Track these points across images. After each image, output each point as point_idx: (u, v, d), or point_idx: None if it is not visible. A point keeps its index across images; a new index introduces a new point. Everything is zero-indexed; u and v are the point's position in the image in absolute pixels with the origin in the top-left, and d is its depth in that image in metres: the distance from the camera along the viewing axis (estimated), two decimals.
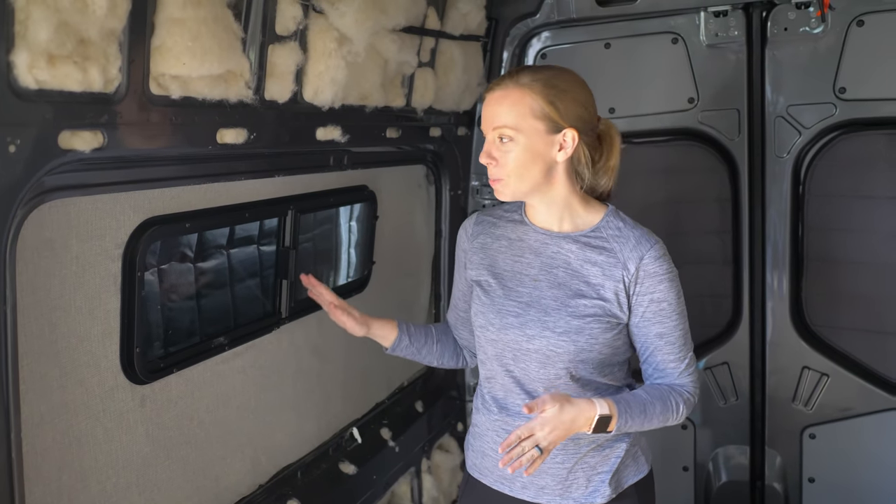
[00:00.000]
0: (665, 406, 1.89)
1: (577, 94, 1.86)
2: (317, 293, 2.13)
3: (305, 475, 2.48)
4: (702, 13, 3.03)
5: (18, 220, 1.39)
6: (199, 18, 1.65)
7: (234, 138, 1.88)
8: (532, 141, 1.82)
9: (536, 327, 1.89)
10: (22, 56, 1.30)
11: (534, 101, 1.82)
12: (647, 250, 1.87)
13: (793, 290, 3.13)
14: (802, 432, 3.16)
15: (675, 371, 1.92)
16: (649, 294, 1.87)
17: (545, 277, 1.93)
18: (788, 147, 3.04)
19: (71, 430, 1.69)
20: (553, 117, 1.82)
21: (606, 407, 1.79)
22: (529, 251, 1.96)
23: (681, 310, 1.92)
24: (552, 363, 1.89)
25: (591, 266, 1.89)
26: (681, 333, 1.92)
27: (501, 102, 1.84)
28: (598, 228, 1.92)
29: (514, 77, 1.86)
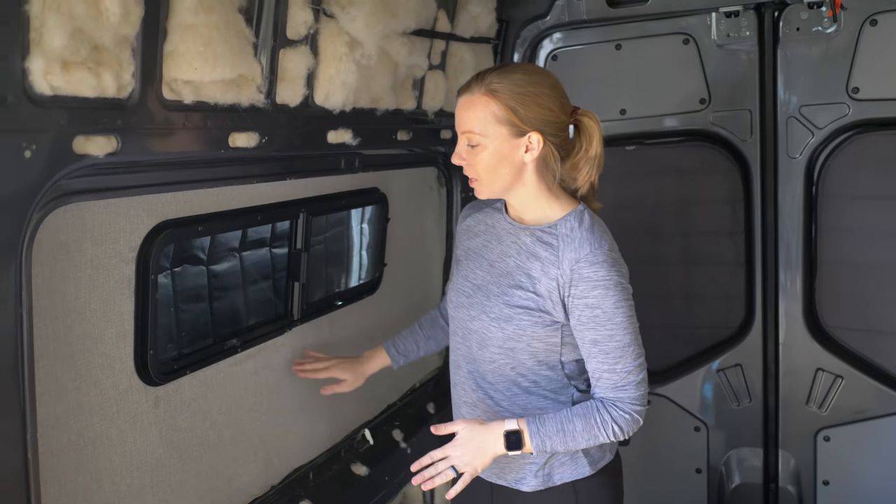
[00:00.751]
0: (587, 423, 1.88)
1: (540, 95, 1.90)
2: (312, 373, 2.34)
3: (317, 476, 2.49)
4: (713, 14, 3.03)
5: (34, 224, 1.41)
6: (211, 24, 1.66)
7: (245, 142, 1.89)
8: (498, 144, 1.90)
9: (477, 309, 2.02)
10: (37, 63, 1.32)
11: (497, 107, 1.88)
12: (584, 254, 1.88)
13: (806, 291, 3.12)
14: (817, 434, 3.15)
15: (609, 381, 1.90)
16: (583, 298, 1.88)
17: (498, 264, 2.04)
18: (801, 147, 3.03)
19: (86, 431, 1.71)
20: (515, 122, 1.89)
21: (514, 423, 1.88)
22: (495, 238, 2.08)
23: (619, 320, 1.87)
24: (486, 346, 2.01)
25: (535, 260, 1.96)
26: (617, 345, 1.88)
27: (467, 108, 1.92)
28: (556, 225, 1.96)
29: (481, 80, 1.91)
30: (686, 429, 3.31)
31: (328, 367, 2.34)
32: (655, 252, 3.27)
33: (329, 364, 2.35)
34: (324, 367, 2.34)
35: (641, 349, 1.93)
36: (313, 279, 2.46)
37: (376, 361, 2.38)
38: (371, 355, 2.38)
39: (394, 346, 2.39)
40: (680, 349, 3.31)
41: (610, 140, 3.20)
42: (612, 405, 1.90)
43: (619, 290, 1.88)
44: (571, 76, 3.19)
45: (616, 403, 1.90)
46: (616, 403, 1.90)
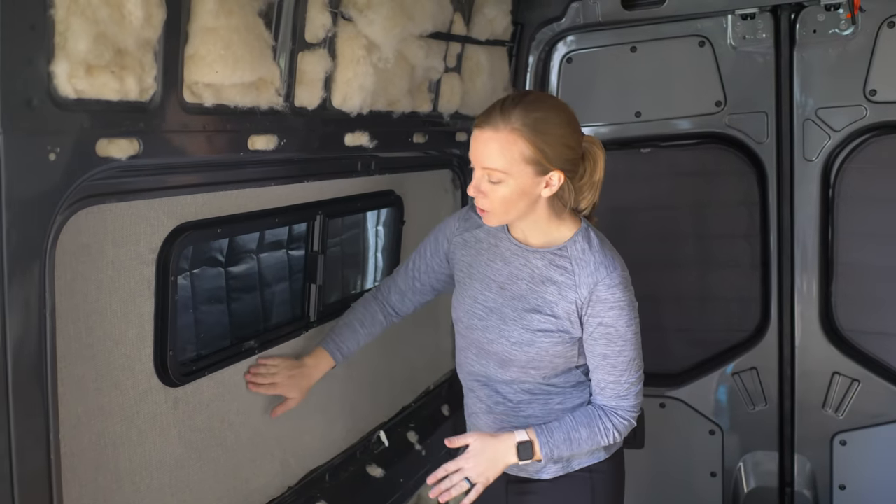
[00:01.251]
0: (591, 431, 2.01)
1: (565, 135, 1.90)
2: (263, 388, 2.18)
3: (333, 478, 2.50)
4: (729, 16, 3.03)
5: (58, 225, 1.42)
6: (232, 27, 1.67)
7: (264, 144, 1.90)
8: (520, 182, 1.89)
9: (495, 333, 2.05)
10: (62, 66, 1.33)
11: (524, 146, 1.86)
12: (602, 277, 1.94)
13: (822, 294, 3.10)
14: (833, 438, 3.13)
15: (613, 392, 2.02)
16: (599, 317, 1.96)
17: (510, 287, 2.05)
18: (818, 150, 3.02)
19: (106, 431, 1.72)
20: (542, 162, 1.88)
21: (525, 434, 1.98)
22: (500, 258, 2.08)
23: (628, 337, 1.98)
24: (507, 367, 2.06)
25: (550, 284, 2.00)
26: (625, 359, 1.99)
27: (491, 144, 1.88)
28: (565, 247, 2.00)
29: (504, 116, 1.88)
30: (701, 432, 3.30)
31: (274, 382, 2.18)
32: (670, 254, 3.27)
33: (274, 379, 2.18)
34: (269, 384, 2.17)
35: (642, 361, 2.05)
36: (330, 281, 2.47)
37: (321, 367, 2.28)
38: (315, 363, 2.27)
39: (338, 349, 2.29)
40: (695, 352, 3.30)
41: (625, 142, 3.22)
42: (613, 413, 2.03)
43: (631, 310, 1.98)
44: (586, 79, 3.20)
45: (617, 412, 2.03)
46: (617, 412, 2.03)
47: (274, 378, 2.18)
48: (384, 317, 2.37)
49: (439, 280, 2.29)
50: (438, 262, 2.26)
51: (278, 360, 2.21)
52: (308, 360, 2.26)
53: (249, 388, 2.15)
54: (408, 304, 2.36)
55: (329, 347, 2.29)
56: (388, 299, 2.37)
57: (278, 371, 2.19)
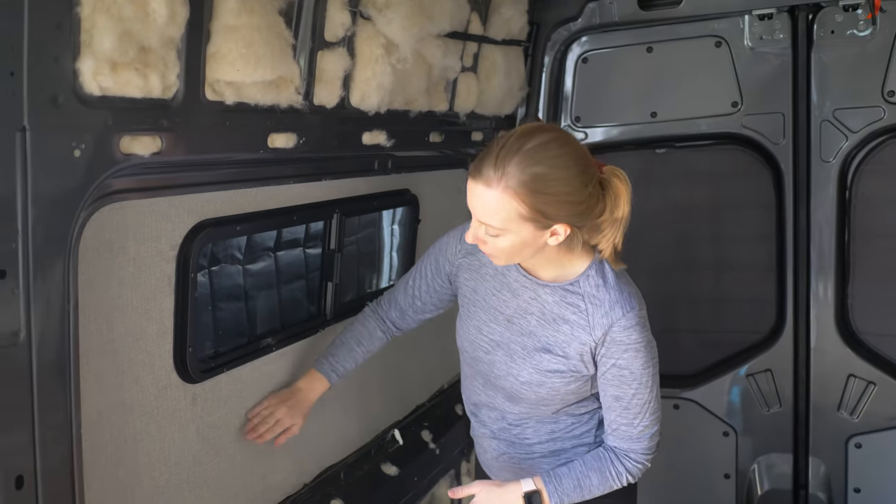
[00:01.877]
0: (603, 477, 1.92)
1: (570, 192, 1.70)
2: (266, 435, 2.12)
3: (348, 476, 2.51)
4: (746, 16, 3.01)
5: (81, 221, 1.43)
6: (253, 26, 1.68)
7: (284, 143, 1.91)
8: (520, 236, 1.74)
9: (502, 369, 1.96)
10: (87, 63, 1.35)
11: (520, 207, 1.68)
12: (617, 318, 1.82)
13: (838, 296, 3.09)
14: (848, 441, 3.12)
15: (626, 434, 1.92)
16: (613, 359, 1.85)
17: (518, 321, 1.94)
18: (834, 151, 3.00)
19: (126, 426, 1.74)
20: (541, 220, 1.72)
21: (532, 483, 1.90)
22: (508, 290, 1.95)
23: (644, 380, 1.87)
24: (517, 401, 1.99)
25: (562, 323, 1.88)
26: (639, 402, 1.88)
27: (486, 201, 1.71)
28: (577, 282, 1.87)
29: (498, 171, 1.68)
30: (714, 434, 3.29)
31: (277, 424, 2.13)
32: (685, 255, 3.26)
33: (276, 420, 2.13)
34: (272, 427, 2.12)
35: (660, 403, 1.93)
36: (346, 279, 2.48)
37: (316, 390, 2.19)
38: (308, 386, 2.18)
39: (333, 370, 2.19)
40: (709, 353, 3.29)
41: (640, 143, 3.21)
42: (625, 456, 1.94)
43: (648, 351, 1.86)
44: (602, 79, 3.20)
45: (629, 455, 1.93)
46: (629, 455, 1.93)
47: (274, 418, 2.11)
48: (384, 332, 2.26)
49: (442, 299, 2.18)
50: (440, 283, 2.13)
51: (269, 400, 2.14)
52: (301, 385, 2.18)
53: (258, 441, 2.10)
54: (409, 321, 2.25)
55: (324, 369, 2.19)
56: (388, 315, 2.25)
57: (274, 410, 2.12)
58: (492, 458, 2.14)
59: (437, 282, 2.13)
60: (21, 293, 1.31)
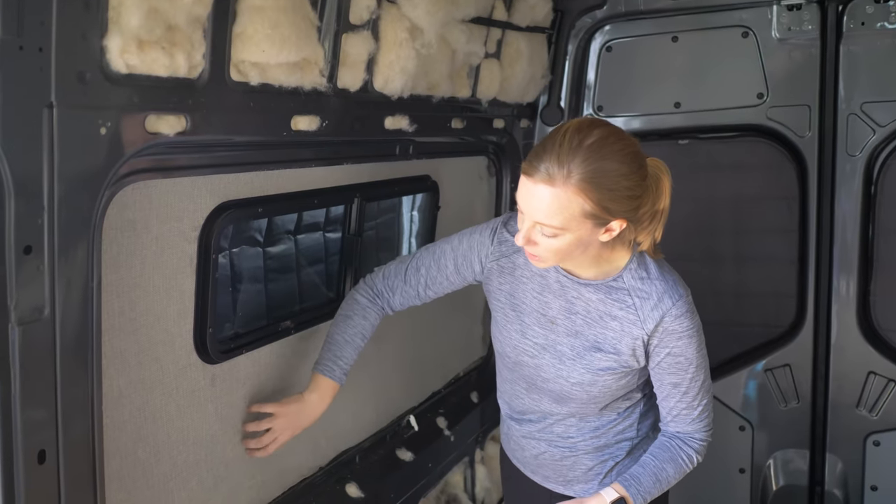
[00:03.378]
0: (677, 465, 1.93)
1: (631, 186, 1.68)
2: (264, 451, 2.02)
3: (363, 460, 2.51)
4: (774, 7, 2.98)
5: (105, 200, 1.43)
6: (279, 7, 1.67)
7: (307, 125, 1.90)
8: (577, 235, 1.71)
9: (551, 372, 1.94)
10: (115, 41, 1.34)
11: (585, 203, 1.65)
12: (668, 309, 1.81)
13: (860, 292, 3.06)
14: (866, 439, 3.09)
15: (688, 417, 1.92)
16: (667, 348, 1.85)
17: (563, 322, 1.91)
18: (861, 145, 2.96)
19: (147, 405, 1.75)
20: (603, 216, 1.69)
21: (613, 492, 1.89)
22: (549, 291, 1.92)
23: (699, 362, 1.88)
24: (565, 402, 1.97)
25: (610, 320, 1.86)
26: (696, 384, 1.90)
27: (547, 201, 1.66)
28: (621, 276, 1.85)
29: (566, 170, 1.63)
30: (731, 428, 3.27)
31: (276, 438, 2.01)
32: (706, 247, 3.23)
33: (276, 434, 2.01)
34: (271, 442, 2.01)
35: (710, 379, 1.95)
36: (365, 264, 2.47)
37: (326, 400, 2.05)
38: (322, 398, 2.04)
39: (344, 374, 2.07)
40: (728, 347, 3.26)
41: (663, 134, 3.18)
42: (690, 439, 1.94)
43: (700, 334, 1.87)
44: (626, 68, 3.17)
45: (694, 436, 1.94)
46: (694, 436, 1.94)
47: (274, 434, 2.00)
48: (378, 317, 2.13)
49: (453, 289, 2.11)
50: (460, 279, 2.06)
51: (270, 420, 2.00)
52: (313, 397, 2.03)
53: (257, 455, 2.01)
54: (407, 306, 2.14)
55: (335, 375, 2.04)
56: (391, 303, 2.11)
57: (273, 426, 2.00)
58: (531, 456, 2.12)
59: (457, 276, 2.06)
60: (46, 269, 1.31)
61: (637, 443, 2.04)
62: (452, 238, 2.07)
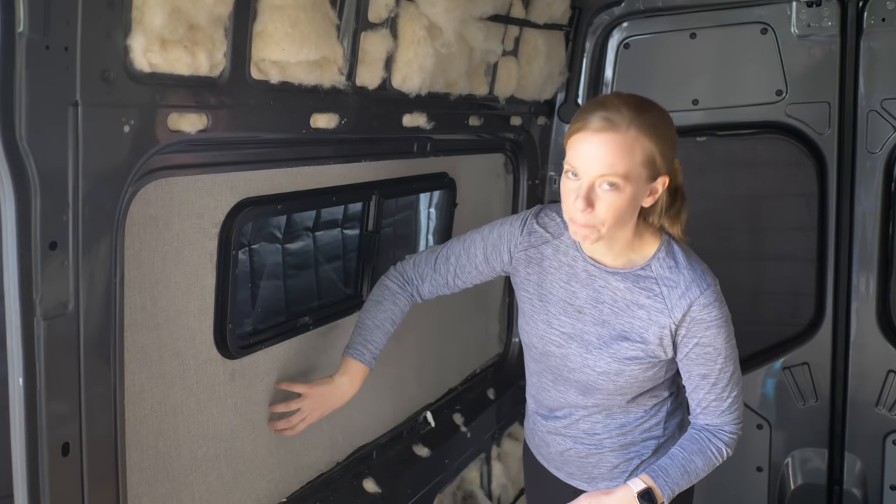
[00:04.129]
0: (706, 457, 1.90)
1: (673, 136, 1.77)
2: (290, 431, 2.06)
3: (381, 455, 2.53)
4: (794, 3, 2.96)
5: (128, 197, 1.45)
6: (299, 5, 1.69)
7: (326, 123, 1.92)
8: (636, 189, 1.71)
9: (577, 361, 1.93)
10: (138, 40, 1.36)
11: (646, 147, 1.68)
12: (696, 297, 1.80)
13: (880, 290, 3.04)
14: (886, 438, 3.07)
15: (717, 409, 1.90)
16: (695, 338, 1.83)
17: (590, 311, 1.90)
18: (882, 142, 2.94)
19: (167, 399, 1.77)
20: (658, 165, 1.72)
21: (641, 483, 1.86)
22: (577, 280, 1.92)
23: (728, 353, 1.86)
24: (591, 393, 1.96)
25: (637, 309, 1.85)
26: (726, 375, 1.87)
27: (614, 147, 1.67)
28: (649, 265, 1.85)
29: (626, 116, 1.68)
30: (748, 426, 3.25)
31: (304, 418, 2.07)
32: (725, 245, 3.22)
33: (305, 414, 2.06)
34: (300, 422, 2.06)
35: (740, 370, 1.93)
36: (383, 261, 2.48)
37: (356, 381, 2.08)
38: (353, 383, 2.07)
39: (374, 358, 2.10)
40: (746, 344, 3.17)
41: (681, 131, 3.13)
42: (720, 431, 1.92)
43: (728, 324, 1.85)
44: (644, 65, 3.16)
45: (723, 428, 1.92)
46: (723, 428, 1.92)
47: (302, 415, 2.05)
48: (410, 307, 2.17)
49: (483, 280, 2.13)
50: (489, 269, 2.07)
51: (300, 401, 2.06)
52: (344, 381, 2.07)
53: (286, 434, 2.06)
54: (436, 295, 2.16)
55: (366, 359, 2.08)
56: (421, 290, 2.14)
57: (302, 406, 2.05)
58: (556, 452, 2.12)
59: (486, 266, 2.06)
60: (70, 265, 1.34)
61: (663, 442, 2.03)
62: (483, 228, 2.09)
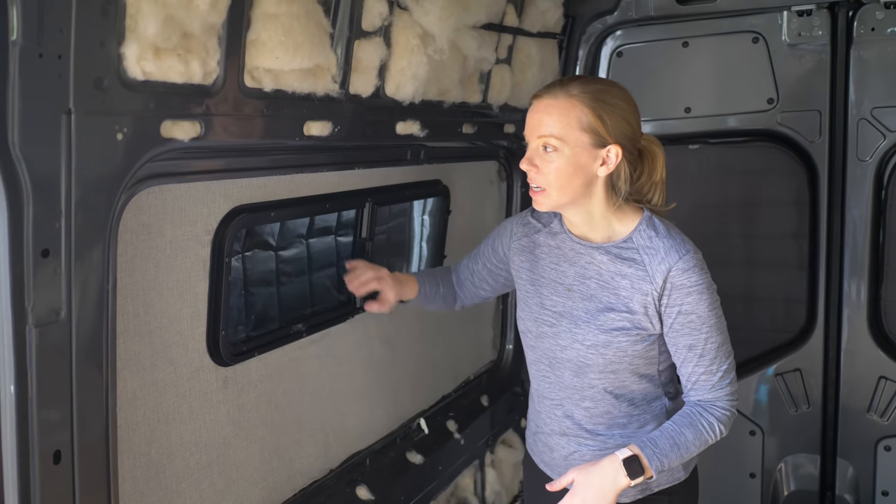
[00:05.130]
0: (697, 431, 1.85)
1: (624, 110, 1.85)
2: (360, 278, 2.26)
3: (374, 462, 2.53)
4: (785, 12, 2.98)
5: (121, 204, 1.45)
6: (292, 14, 1.70)
7: (319, 131, 1.92)
8: (576, 153, 1.82)
9: (567, 338, 1.95)
10: (132, 48, 1.37)
11: (582, 113, 1.81)
12: (674, 262, 1.83)
13: (871, 297, 3.05)
14: (877, 444, 3.08)
15: (707, 384, 1.88)
16: (677, 306, 1.84)
17: (578, 287, 1.96)
18: (872, 150, 2.96)
19: (160, 407, 1.77)
20: (600, 131, 1.82)
21: (627, 451, 1.82)
22: (565, 260, 1.99)
23: (713, 322, 1.85)
24: (584, 373, 1.95)
25: (620, 279, 1.89)
26: (713, 346, 1.86)
27: (549, 111, 1.84)
28: (630, 238, 1.90)
29: (564, 86, 1.85)
30: (741, 432, 3.27)
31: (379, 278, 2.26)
32: (717, 253, 3.18)
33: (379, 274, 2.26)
34: (375, 278, 2.26)
35: (730, 344, 1.91)
36: None
37: (409, 292, 2.31)
38: (406, 284, 2.30)
39: (422, 285, 2.32)
40: (738, 351, 3.17)
41: (674, 139, 3.18)
42: (712, 406, 1.88)
43: (711, 292, 1.86)
44: (636, 73, 3.18)
45: (716, 404, 1.88)
46: (716, 404, 1.88)
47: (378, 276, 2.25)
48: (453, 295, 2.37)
49: (497, 280, 2.25)
50: (495, 262, 2.22)
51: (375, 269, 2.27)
52: (402, 277, 2.31)
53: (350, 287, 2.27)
54: (467, 294, 2.35)
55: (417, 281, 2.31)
56: (457, 281, 2.36)
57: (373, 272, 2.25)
58: (560, 457, 2.07)
59: (492, 261, 2.22)
60: (63, 272, 1.34)
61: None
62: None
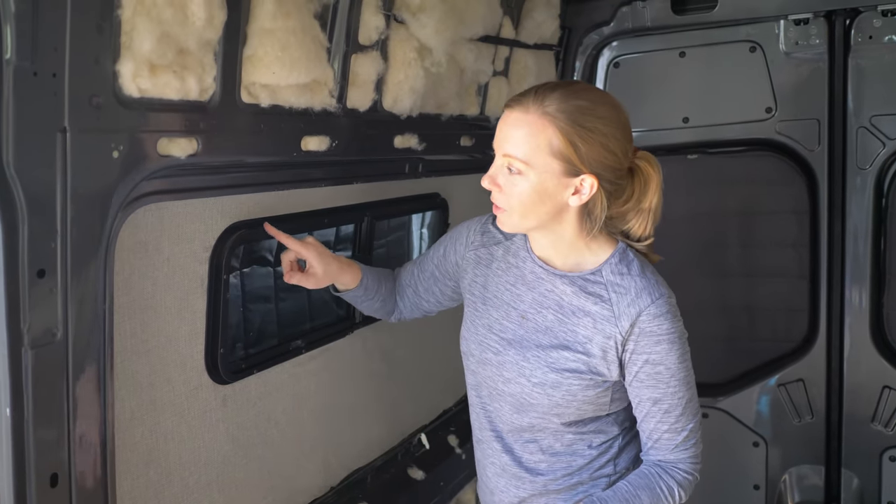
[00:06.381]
0: (653, 494, 1.70)
1: (605, 135, 1.59)
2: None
3: (375, 479, 2.50)
4: (781, 21, 2.97)
5: (118, 222, 1.44)
6: (289, 29, 1.69)
7: (317, 145, 1.91)
8: (543, 179, 1.60)
9: (513, 370, 1.74)
10: (127, 65, 1.36)
11: (554, 135, 1.57)
12: (646, 306, 1.63)
13: (873, 306, 3.03)
14: (882, 454, 3.06)
15: (670, 443, 1.71)
16: (644, 354, 1.65)
17: (533, 317, 1.75)
18: (871, 158, 2.95)
19: (158, 426, 1.75)
20: (572, 160, 1.58)
21: None
22: (523, 283, 1.78)
23: (682, 375, 1.68)
24: (525, 411, 1.75)
25: (583, 316, 1.69)
26: (680, 401, 1.68)
27: (518, 126, 1.61)
28: (599, 271, 1.70)
29: (539, 98, 1.60)
30: (744, 444, 3.24)
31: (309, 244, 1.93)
32: (717, 263, 3.23)
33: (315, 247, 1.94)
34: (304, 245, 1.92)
35: (697, 402, 1.74)
36: None
37: (347, 277, 1.97)
38: (347, 270, 1.97)
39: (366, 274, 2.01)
40: (740, 362, 3.24)
41: (672, 149, 3.18)
42: (673, 469, 1.72)
43: (682, 342, 1.68)
44: (633, 83, 3.17)
45: (677, 466, 1.73)
46: (677, 466, 1.73)
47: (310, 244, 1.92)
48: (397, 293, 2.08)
49: (444, 293, 2.00)
50: (442, 273, 1.97)
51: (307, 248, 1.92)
52: (343, 261, 1.98)
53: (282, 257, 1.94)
54: (407, 305, 2.08)
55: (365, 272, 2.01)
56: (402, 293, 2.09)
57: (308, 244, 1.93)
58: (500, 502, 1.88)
59: (441, 269, 1.97)
60: (59, 292, 1.32)
61: (615, 480, 1.80)
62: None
